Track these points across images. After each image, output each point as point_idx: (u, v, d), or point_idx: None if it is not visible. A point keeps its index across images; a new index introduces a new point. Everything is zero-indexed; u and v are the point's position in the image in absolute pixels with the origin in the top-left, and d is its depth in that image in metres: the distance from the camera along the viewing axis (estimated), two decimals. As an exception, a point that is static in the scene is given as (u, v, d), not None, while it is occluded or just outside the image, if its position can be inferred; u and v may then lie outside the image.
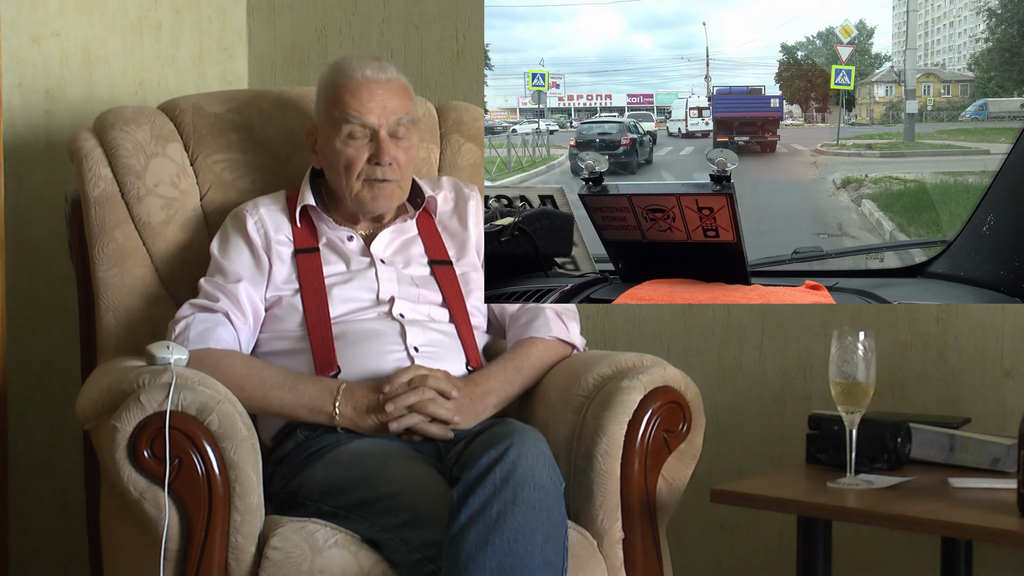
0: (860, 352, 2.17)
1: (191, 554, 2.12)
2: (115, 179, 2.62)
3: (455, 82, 3.24)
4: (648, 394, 2.30)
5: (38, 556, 3.12)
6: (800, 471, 2.36)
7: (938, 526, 2.05)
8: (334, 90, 2.46)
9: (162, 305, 2.59)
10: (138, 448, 2.11)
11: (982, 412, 2.62)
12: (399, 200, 2.51)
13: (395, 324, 2.43)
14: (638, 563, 2.29)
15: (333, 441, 2.32)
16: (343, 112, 2.44)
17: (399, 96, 2.46)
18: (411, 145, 2.48)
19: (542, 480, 2.05)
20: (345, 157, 2.44)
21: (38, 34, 3.08)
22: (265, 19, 3.46)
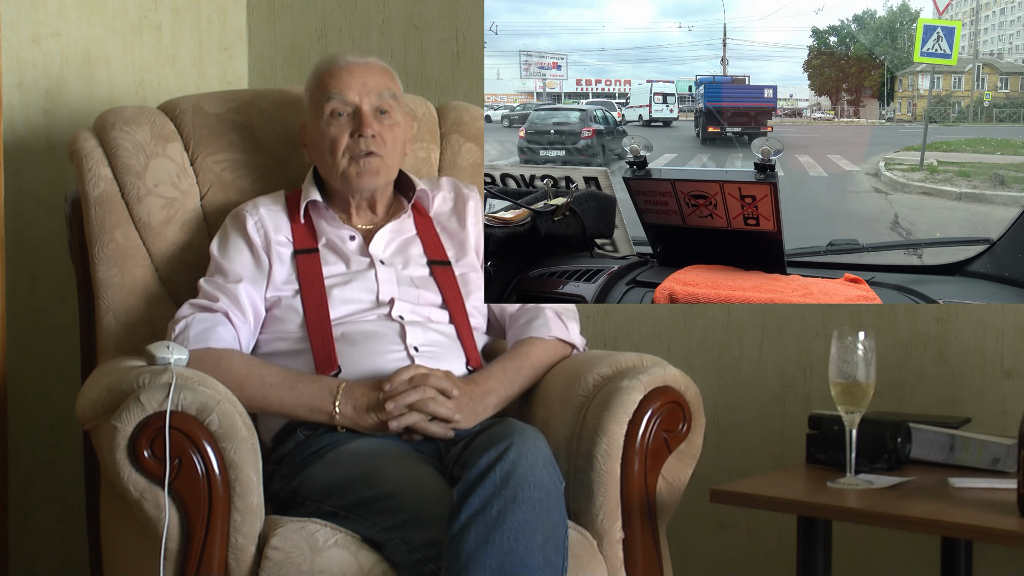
0: (860, 352, 2.17)
1: (191, 554, 2.12)
2: (115, 179, 2.62)
3: (455, 82, 3.24)
4: (648, 394, 2.30)
5: (38, 556, 3.12)
6: (800, 471, 2.36)
7: (938, 526, 2.05)
8: (317, 77, 2.51)
9: (162, 305, 2.59)
10: (138, 448, 2.11)
11: (982, 412, 2.62)
12: (386, 178, 2.51)
13: (395, 325, 2.44)
14: (638, 563, 2.29)
15: (333, 441, 2.32)
16: (324, 93, 2.47)
17: (380, 74, 2.50)
18: (395, 123, 2.49)
19: (542, 480, 2.05)
20: (329, 136, 2.46)
21: (38, 34, 3.08)
22: (265, 19, 3.46)
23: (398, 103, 2.52)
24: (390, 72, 2.54)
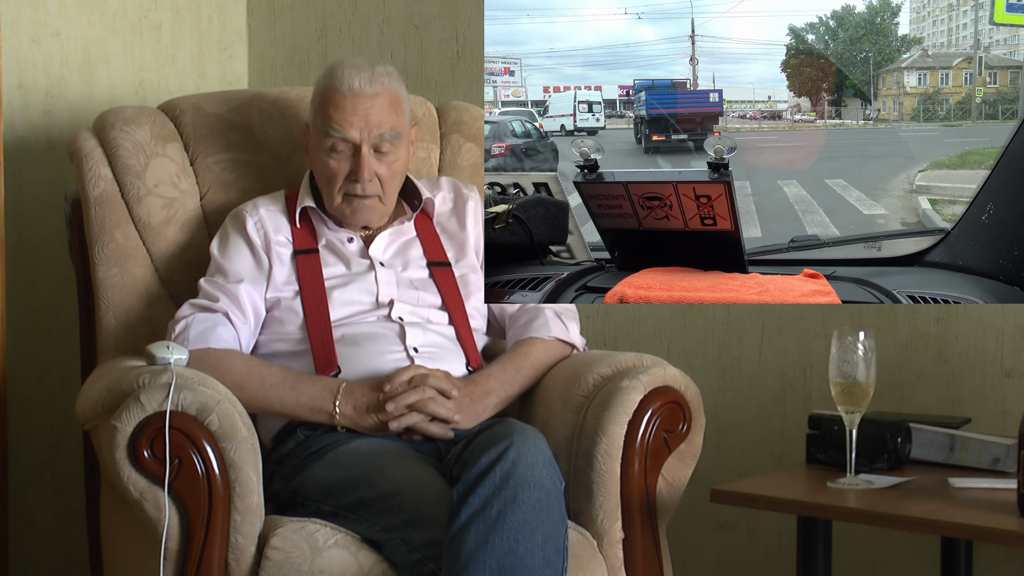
0: (860, 352, 2.17)
1: (191, 554, 2.12)
2: (115, 179, 2.62)
3: (455, 82, 3.24)
4: (648, 394, 2.30)
5: (38, 556, 3.12)
6: (800, 471, 2.35)
7: (938, 526, 2.05)
8: (322, 99, 2.45)
9: (162, 305, 2.59)
10: (138, 448, 2.10)
11: (982, 412, 2.62)
12: (381, 213, 2.50)
13: (394, 326, 2.44)
14: (638, 563, 2.29)
15: (333, 441, 2.32)
16: (326, 124, 2.43)
17: (385, 111, 2.43)
18: (395, 159, 2.45)
19: (542, 479, 2.05)
20: (328, 169, 2.44)
21: (38, 34, 3.08)
22: (265, 19, 3.46)
23: (401, 139, 2.46)
24: (398, 103, 2.46)
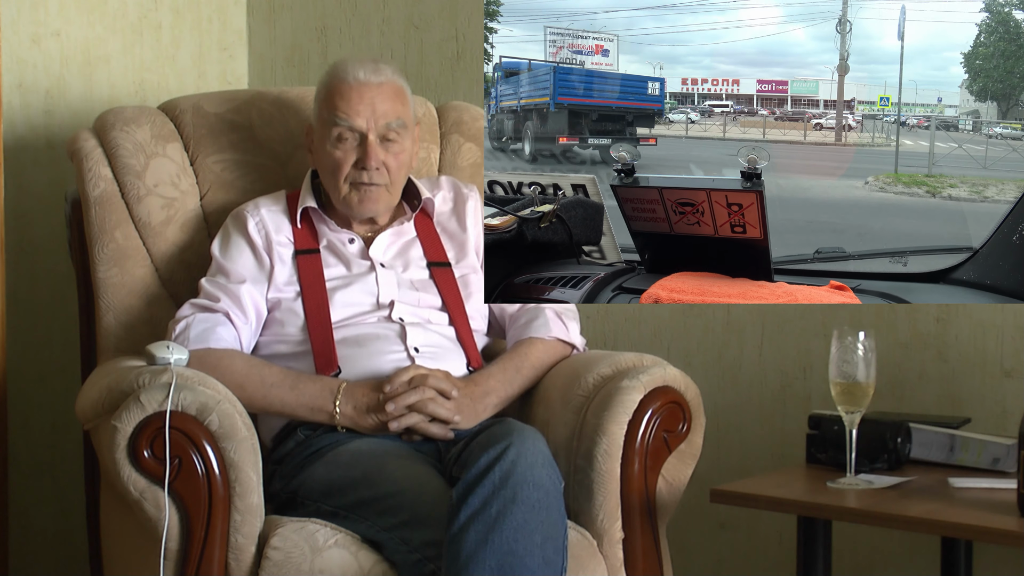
0: (860, 352, 2.17)
1: (191, 554, 2.12)
2: (115, 179, 2.62)
3: (455, 82, 3.24)
4: (648, 394, 2.30)
5: (38, 556, 3.12)
6: (800, 471, 2.36)
7: (938, 526, 2.05)
8: (327, 92, 2.46)
9: (162, 305, 2.59)
10: (138, 448, 2.11)
11: (982, 412, 2.62)
12: (387, 204, 2.50)
13: (395, 326, 2.44)
14: (638, 563, 2.29)
15: (333, 441, 2.32)
16: (332, 114, 2.43)
17: (391, 100, 2.45)
18: (402, 150, 2.46)
19: (541, 479, 2.05)
20: (333, 160, 2.44)
21: (38, 34, 3.08)
22: (265, 19, 3.46)
23: (407, 129, 2.47)
24: (402, 94, 2.48)
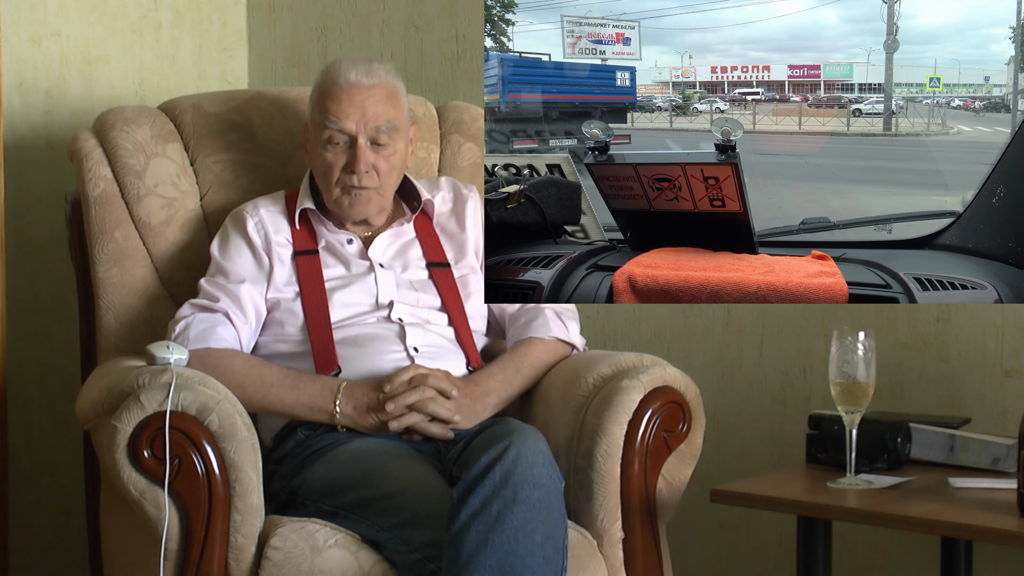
0: (860, 352, 2.17)
1: (191, 554, 2.12)
2: (115, 179, 2.62)
3: (455, 82, 3.24)
4: (648, 394, 2.30)
5: (38, 556, 3.12)
6: (800, 471, 2.35)
7: (938, 526, 2.05)
8: (319, 93, 2.46)
9: (162, 305, 2.59)
10: (138, 448, 2.11)
11: (982, 412, 2.62)
12: (379, 206, 2.50)
13: (394, 326, 2.44)
14: (638, 563, 2.29)
15: (333, 441, 2.32)
16: (323, 116, 2.43)
17: (382, 102, 2.43)
18: (392, 152, 2.45)
19: (542, 479, 2.05)
20: (324, 162, 2.44)
21: (38, 34, 3.08)
22: (265, 19, 3.46)
23: (398, 131, 2.46)
24: (395, 96, 2.47)
